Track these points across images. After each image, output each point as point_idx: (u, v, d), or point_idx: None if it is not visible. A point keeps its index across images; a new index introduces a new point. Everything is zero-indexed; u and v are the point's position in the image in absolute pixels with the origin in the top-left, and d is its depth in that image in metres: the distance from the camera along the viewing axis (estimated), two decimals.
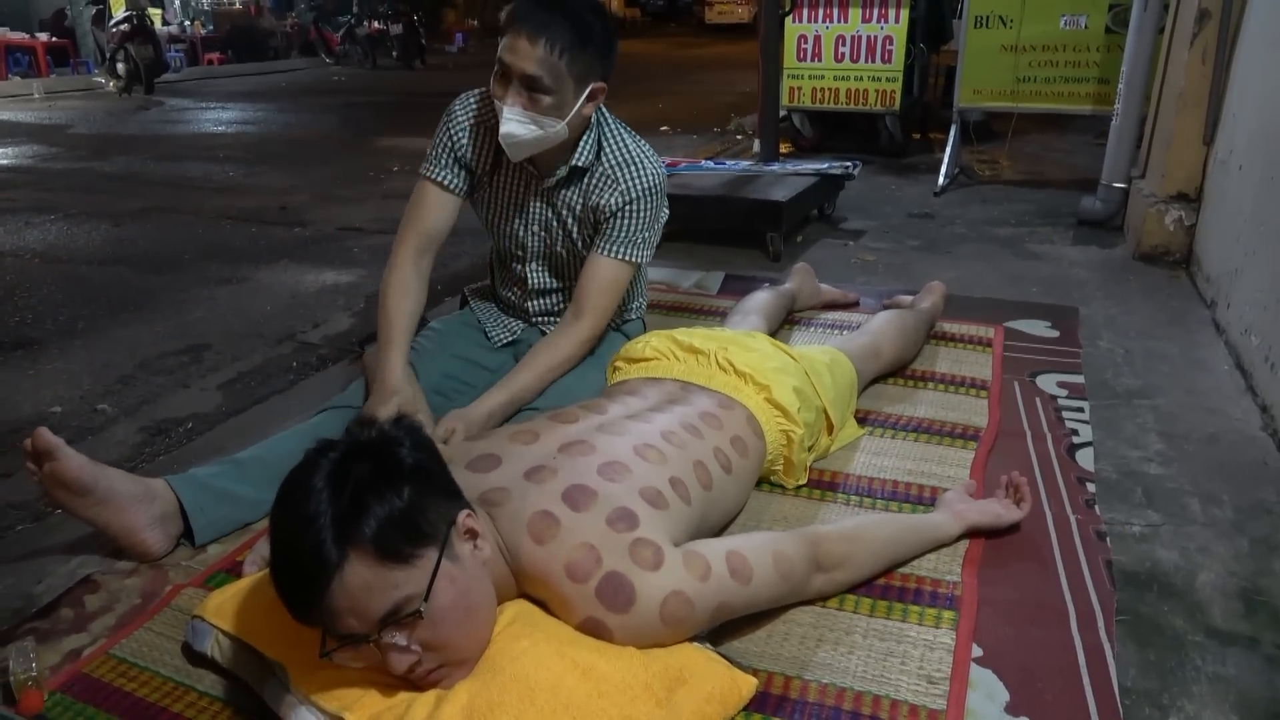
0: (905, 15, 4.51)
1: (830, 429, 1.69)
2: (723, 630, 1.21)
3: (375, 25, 12.90)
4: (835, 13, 4.64)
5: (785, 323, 2.36)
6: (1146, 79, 3.33)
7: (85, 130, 7.31)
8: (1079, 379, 2.08)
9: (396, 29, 12.58)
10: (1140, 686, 1.18)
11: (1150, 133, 3.33)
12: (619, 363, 1.68)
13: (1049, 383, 2.06)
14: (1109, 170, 3.45)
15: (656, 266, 2.85)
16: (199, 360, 2.51)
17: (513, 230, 1.85)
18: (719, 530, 1.42)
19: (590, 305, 1.75)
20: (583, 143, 1.73)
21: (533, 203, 1.81)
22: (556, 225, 1.82)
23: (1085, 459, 1.73)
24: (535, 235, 1.84)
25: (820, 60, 4.75)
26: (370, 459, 0.98)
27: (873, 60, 4.65)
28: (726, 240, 3.29)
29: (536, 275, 1.90)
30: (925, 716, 1.10)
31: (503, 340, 1.95)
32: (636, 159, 1.75)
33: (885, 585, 1.35)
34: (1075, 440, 1.79)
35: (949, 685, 1.15)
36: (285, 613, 0.98)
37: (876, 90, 4.70)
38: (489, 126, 1.75)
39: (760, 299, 2.23)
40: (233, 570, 1.41)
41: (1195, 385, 2.08)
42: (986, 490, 1.59)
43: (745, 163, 3.95)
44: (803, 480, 1.61)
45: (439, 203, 1.79)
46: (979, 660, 1.20)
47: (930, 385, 2.05)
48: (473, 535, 1.06)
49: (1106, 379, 2.10)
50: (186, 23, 14.18)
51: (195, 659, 1.21)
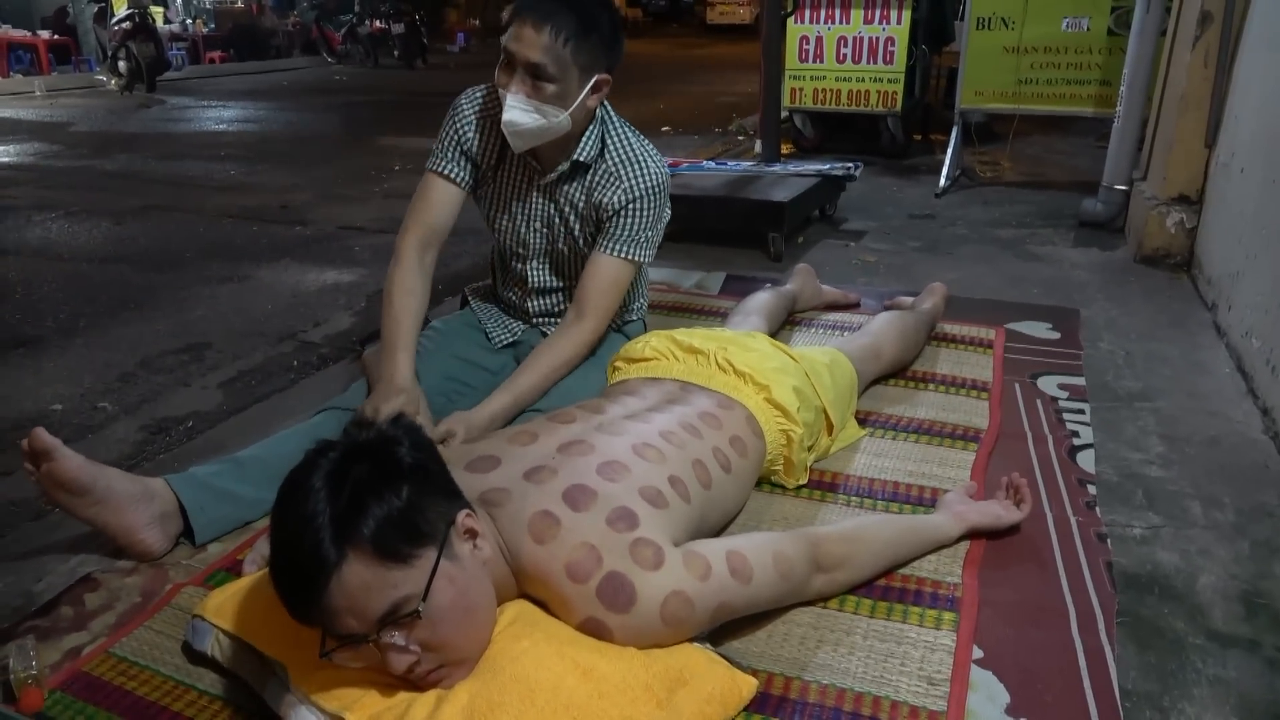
0: (907, 16, 4.51)
1: (830, 429, 1.69)
2: (723, 631, 1.21)
3: (377, 24, 12.90)
4: (837, 14, 4.64)
5: (786, 323, 2.36)
6: (1148, 81, 3.33)
7: (86, 128, 7.32)
8: (1080, 381, 2.08)
9: (398, 28, 12.59)
10: (1141, 689, 1.18)
11: (1152, 135, 3.32)
12: (619, 363, 1.68)
13: (1050, 384, 2.06)
14: (1110, 172, 3.45)
15: (657, 267, 2.85)
16: (200, 359, 2.51)
17: (514, 226, 1.85)
18: (718, 530, 1.42)
19: (592, 306, 1.75)
20: (586, 137, 1.73)
21: (535, 198, 1.81)
22: (558, 221, 1.82)
23: (1086, 461, 1.73)
24: (537, 231, 1.84)
25: (822, 61, 4.75)
26: (369, 459, 0.98)
27: (874, 61, 4.65)
28: (727, 240, 3.29)
29: (537, 273, 1.90)
30: (925, 718, 1.10)
31: (504, 341, 1.95)
32: (640, 158, 1.75)
33: (885, 586, 1.35)
34: (1076, 442, 1.79)
35: (949, 687, 1.15)
36: (285, 612, 0.98)
37: (878, 91, 4.70)
38: (494, 121, 1.75)
39: (761, 299, 2.23)
40: (233, 569, 1.41)
41: (1196, 388, 2.08)
42: (987, 491, 1.59)
43: (747, 163, 3.95)
44: (803, 480, 1.61)
45: (443, 196, 1.79)
46: (979, 662, 1.20)
47: (931, 386, 2.05)
48: (472, 535, 1.06)
49: (1107, 381, 2.10)
50: (188, 21, 14.20)
51: (195, 658, 1.21)
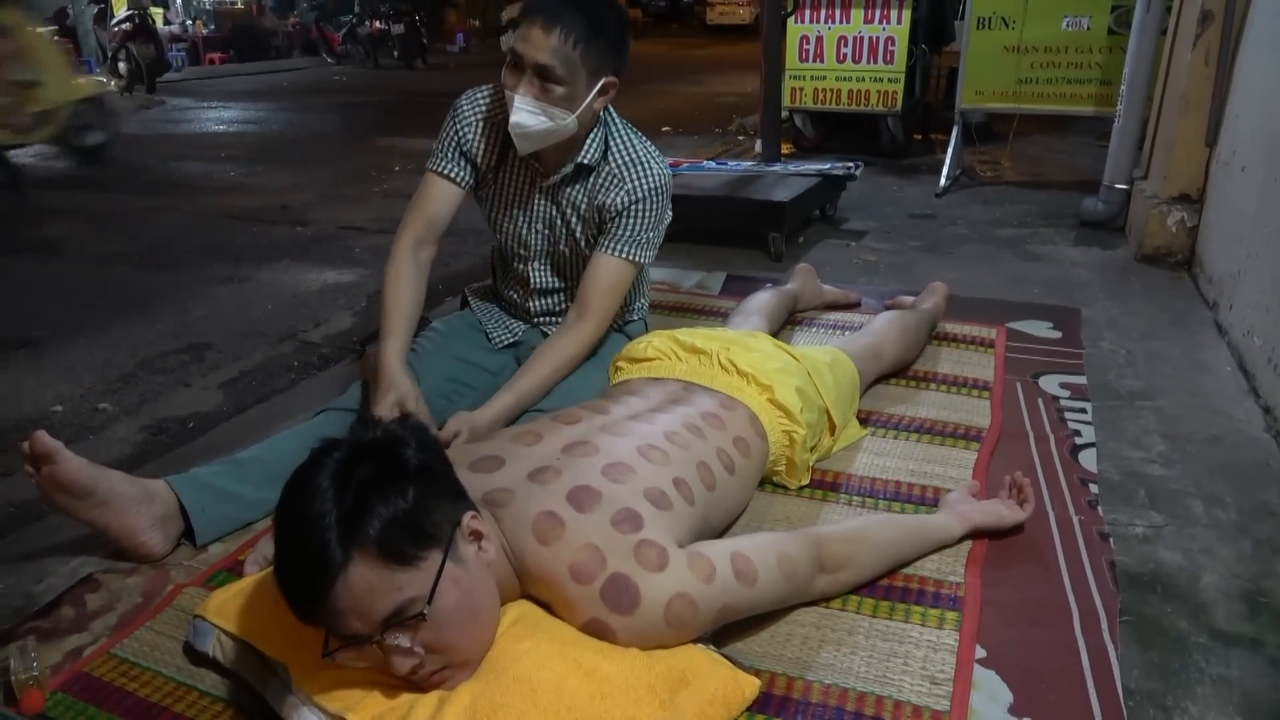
0: (907, 16, 4.51)
1: (832, 429, 1.69)
2: (726, 631, 1.20)
3: (377, 25, 12.90)
4: (837, 13, 4.64)
5: (787, 323, 2.36)
6: (1149, 80, 3.33)
7: None
8: (1081, 380, 2.08)
9: (398, 29, 12.58)
10: (1144, 688, 1.18)
11: (1152, 134, 3.32)
12: (621, 363, 1.68)
13: (1051, 384, 2.06)
14: (1111, 171, 3.44)
15: (658, 266, 2.84)
16: (200, 359, 2.51)
17: (516, 228, 1.85)
18: (721, 531, 1.41)
19: (594, 306, 1.75)
20: (589, 140, 1.73)
21: (537, 200, 1.81)
22: (560, 223, 1.82)
23: (1088, 460, 1.72)
24: (539, 233, 1.84)
25: (822, 61, 4.75)
26: (375, 459, 0.98)
27: (875, 61, 4.65)
28: (728, 240, 3.28)
29: (539, 274, 1.90)
30: (928, 717, 1.10)
31: (504, 341, 1.95)
32: (644, 160, 1.75)
33: (888, 586, 1.35)
34: (1078, 441, 1.79)
35: (952, 686, 1.15)
36: (288, 612, 0.98)
37: (878, 91, 4.70)
38: (496, 122, 1.75)
39: (762, 299, 2.23)
40: (234, 570, 1.41)
41: (1198, 387, 2.08)
42: (989, 491, 1.59)
43: (747, 163, 3.95)
44: (805, 481, 1.61)
45: (442, 193, 1.78)
46: (982, 661, 1.20)
47: (932, 386, 2.05)
48: (477, 537, 1.06)
49: (1109, 380, 2.10)
50: (188, 22, 14.19)
51: (197, 659, 1.21)
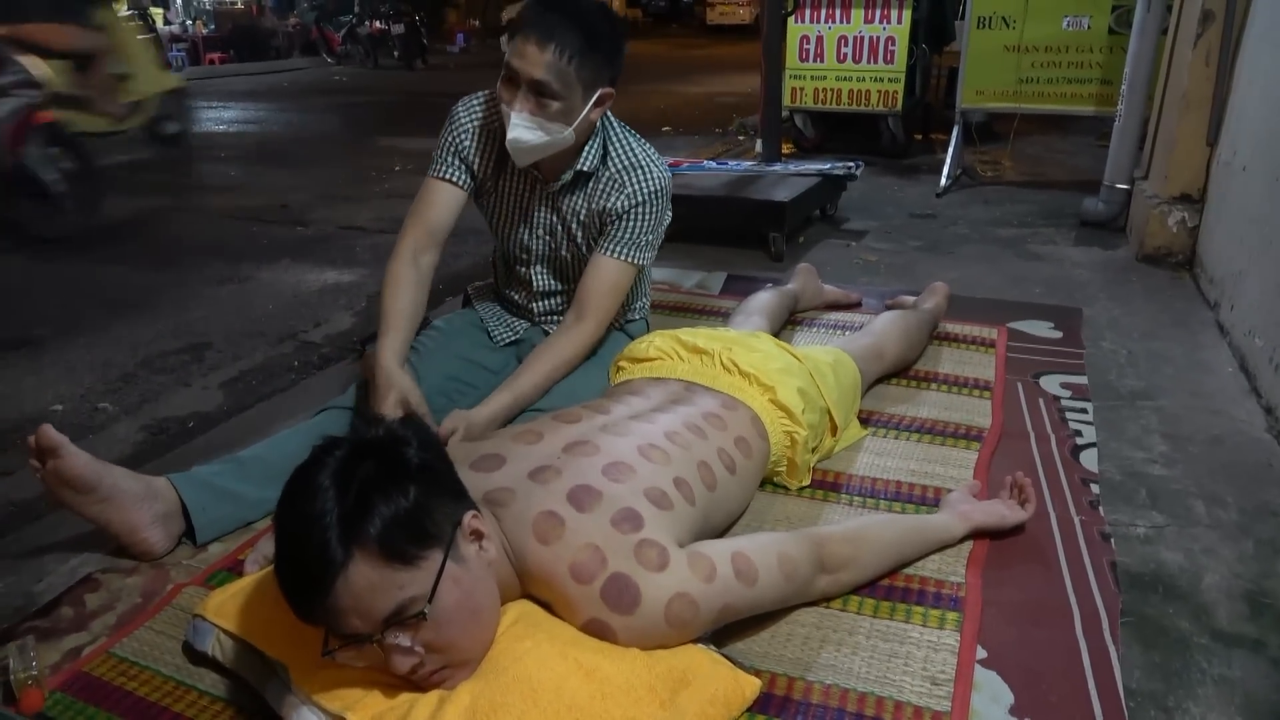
0: (907, 16, 4.51)
1: (834, 430, 1.68)
2: (726, 631, 1.20)
3: (377, 25, 12.90)
4: (837, 13, 4.64)
5: (788, 323, 2.36)
6: (1149, 80, 3.33)
7: None
8: (1082, 380, 2.07)
9: (398, 29, 12.58)
10: (1145, 689, 1.17)
11: (1153, 134, 3.32)
12: (622, 362, 1.68)
13: (1052, 384, 2.05)
14: (1111, 171, 3.44)
15: (659, 266, 2.84)
16: (200, 359, 2.51)
17: (517, 235, 1.85)
18: (722, 531, 1.41)
19: (593, 307, 1.75)
20: (588, 147, 1.72)
21: (538, 207, 1.81)
22: (561, 230, 1.81)
23: (1089, 460, 1.72)
24: (540, 240, 1.84)
25: (822, 61, 4.75)
26: (376, 458, 0.98)
27: (875, 61, 4.65)
28: (729, 240, 3.28)
29: (541, 278, 1.90)
30: (929, 718, 1.10)
31: (506, 339, 1.94)
32: (643, 163, 1.74)
33: (889, 586, 1.35)
34: (1079, 441, 1.79)
35: (953, 687, 1.15)
36: (287, 612, 0.98)
37: (879, 91, 4.70)
38: (493, 130, 1.75)
39: (763, 299, 2.23)
40: (234, 569, 1.41)
41: (1199, 387, 2.07)
42: (990, 491, 1.59)
43: (747, 163, 3.94)
44: (806, 481, 1.61)
45: (443, 198, 1.77)
46: (983, 662, 1.20)
47: (933, 386, 2.04)
48: (478, 536, 1.05)
49: (1110, 380, 2.10)
50: (188, 22, 14.21)
51: (196, 658, 1.21)
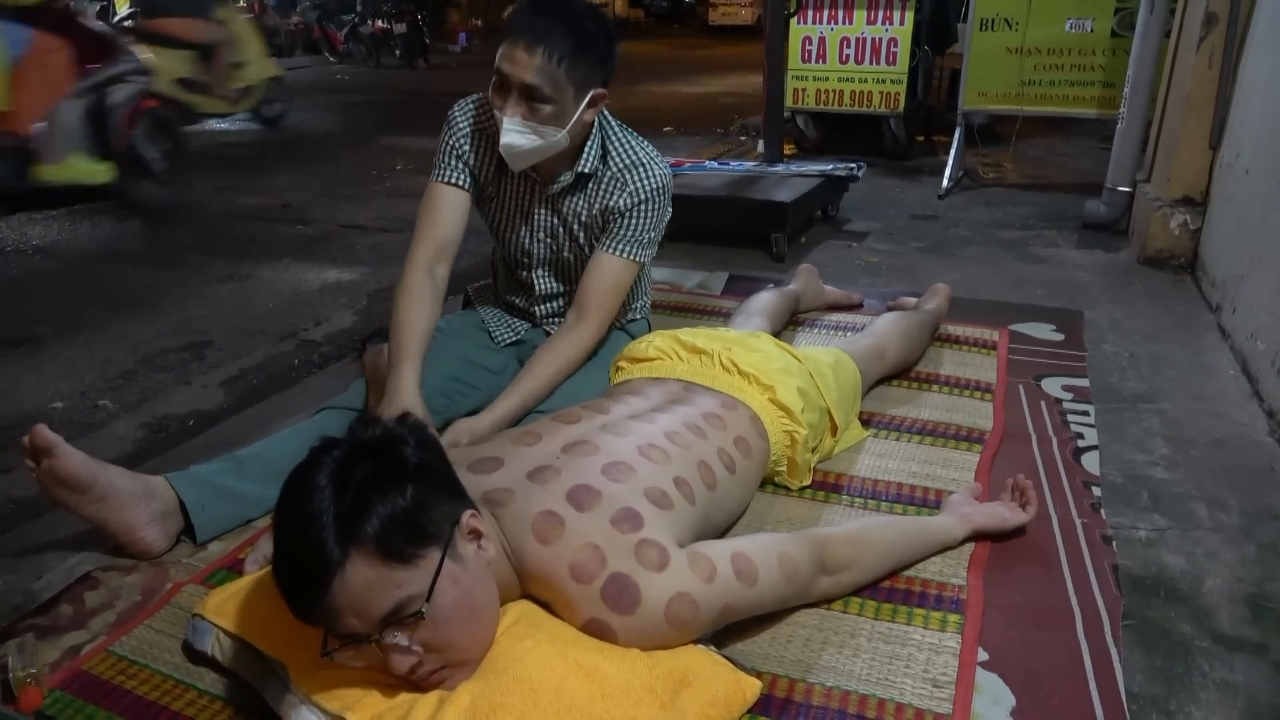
0: (910, 17, 4.51)
1: (834, 430, 1.68)
2: (727, 632, 1.20)
3: (379, 24, 12.88)
4: (840, 14, 4.64)
5: (789, 324, 2.35)
6: (1152, 82, 3.32)
7: None
8: (1084, 382, 2.07)
9: (400, 28, 12.57)
10: (1147, 692, 1.17)
11: (1156, 136, 3.31)
12: (622, 362, 1.68)
13: (1054, 386, 2.05)
14: (1114, 174, 3.44)
15: (660, 266, 2.84)
16: (201, 357, 2.51)
17: (518, 238, 1.84)
18: (722, 531, 1.41)
19: (594, 306, 1.74)
20: (587, 149, 1.72)
21: (538, 210, 1.80)
22: (563, 232, 1.81)
23: (1090, 463, 1.72)
24: (541, 243, 1.83)
25: (825, 62, 4.75)
26: (374, 457, 0.97)
27: (877, 62, 4.65)
28: (730, 241, 3.28)
29: (543, 281, 1.89)
30: None
31: (507, 340, 1.94)
32: (644, 161, 1.74)
33: (890, 588, 1.34)
34: (1080, 444, 1.79)
35: (954, 689, 1.15)
36: (287, 611, 0.97)
37: (881, 92, 4.70)
38: (489, 134, 1.73)
39: (764, 300, 2.23)
40: (234, 568, 1.40)
41: (1201, 390, 2.07)
42: (991, 493, 1.59)
43: (749, 163, 3.94)
44: (806, 481, 1.61)
45: (450, 203, 1.74)
46: (984, 664, 1.19)
47: (935, 387, 2.04)
48: (477, 535, 1.05)
49: (1111, 383, 2.10)
50: None
51: (195, 657, 1.21)
